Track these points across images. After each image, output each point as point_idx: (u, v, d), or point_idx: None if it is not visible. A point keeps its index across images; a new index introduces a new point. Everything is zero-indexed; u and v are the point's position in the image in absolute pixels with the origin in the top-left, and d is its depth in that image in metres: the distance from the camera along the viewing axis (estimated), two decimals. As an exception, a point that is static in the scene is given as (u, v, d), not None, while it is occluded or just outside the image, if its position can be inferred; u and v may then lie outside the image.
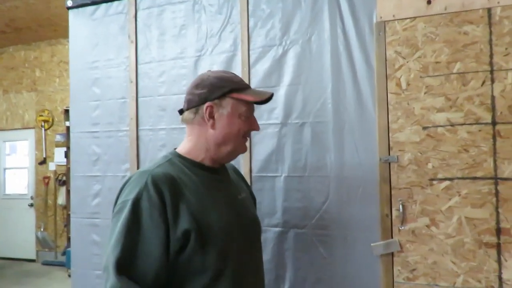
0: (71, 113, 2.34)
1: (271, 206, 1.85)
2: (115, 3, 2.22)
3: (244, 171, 1.88)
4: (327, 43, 1.79)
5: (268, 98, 1.16)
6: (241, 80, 1.14)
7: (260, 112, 1.88)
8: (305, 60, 1.82)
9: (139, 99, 2.14)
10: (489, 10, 1.57)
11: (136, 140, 2.12)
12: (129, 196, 0.98)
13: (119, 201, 1.01)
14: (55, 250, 5.81)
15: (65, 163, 5.27)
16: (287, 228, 1.82)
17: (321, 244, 1.75)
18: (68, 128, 4.70)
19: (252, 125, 1.14)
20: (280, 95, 1.85)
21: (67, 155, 5.08)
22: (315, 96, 1.80)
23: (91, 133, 2.24)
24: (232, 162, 1.92)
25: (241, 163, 1.89)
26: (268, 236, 1.83)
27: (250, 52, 1.92)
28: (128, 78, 2.16)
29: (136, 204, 0.96)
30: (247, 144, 1.17)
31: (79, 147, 2.27)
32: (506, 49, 1.54)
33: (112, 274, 0.91)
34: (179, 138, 1.96)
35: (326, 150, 1.77)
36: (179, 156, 1.12)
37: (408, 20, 1.67)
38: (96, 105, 2.24)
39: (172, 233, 0.97)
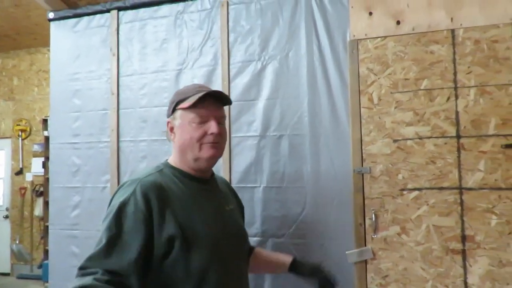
0: (51, 124, 2.34)
1: (250, 216, 1.89)
2: (98, 16, 2.25)
3: (224, 182, 1.93)
4: (303, 59, 1.88)
5: (221, 96, 1.19)
6: (187, 91, 1.17)
7: (240, 125, 1.94)
8: (283, 75, 1.90)
9: (121, 111, 2.16)
10: (452, 31, 1.68)
11: (117, 151, 2.14)
12: (117, 201, 1.04)
13: (109, 207, 1.07)
14: (31, 263, 5.65)
15: (42, 174, 5.16)
16: (265, 238, 1.86)
17: (298, 252, 1.81)
18: (46, 138, 4.63)
19: (207, 129, 1.12)
20: (259, 108, 1.92)
21: (44, 165, 4.98)
22: (292, 110, 1.87)
23: (71, 144, 2.24)
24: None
25: (221, 174, 1.94)
26: (247, 245, 1.87)
27: (230, 67, 1.98)
28: (110, 90, 2.19)
29: (121, 209, 1.01)
30: (212, 150, 1.13)
31: (59, 158, 2.27)
32: (468, 67, 1.65)
33: (78, 271, 0.97)
34: (160, 149, 2.01)
35: (303, 162, 1.84)
36: (170, 166, 1.18)
37: (379, 39, 1.77)
38: (77, 116, 2.25)
39: (157, 238, 1.01)
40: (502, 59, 1.61)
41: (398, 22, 1.76)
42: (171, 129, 1.18)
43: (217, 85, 1.99)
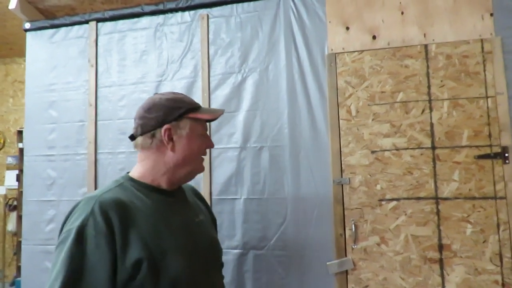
0: (25, 136, 2.27)
1: (231, 228, 1.88)
2: (76, 27, 2.22)
3: (204, 193, 1.91)
4: (283, 72, 1.90)
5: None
6: (193, 100, 1.13)
7: (220, 136, 1.94)
8: (263, 87, 1.92)
9: (98, 122, 2.13)
10: (426, 46, 1.74)
11: (95, 163, 2.09)
12: (74, 224, 0.91)
13: (64, 230, 0.93)
14: (2, 280, 5.41)
15: (16, 187, 4.99)
16: (246, 250, 1.85)
17: (279, 264, 1.80)
18: (21, 150, 4.49)
19: (208, 143, 1.14)
20: (239, 120, 1.92)
21: (19, 178, 4.82)
22: (272, 121, 1.89)
23: (46, 157, 2.18)
24: (193, 185, 1.96)
25: (201, 186, 1.93)
26: (228, 258, 1.85)
27: (211, 79, 1.99)
28: (87, 101, 2.15)
29: (80, 232, 0.89)
30: (202, 165, 1.16)
31: (33, 170, 2.20)
32: (441, 81, 1.71)
33: None
34: (139, 161, 1.98)
35: (283, 173, 1.85)
36: (132, 180, 1.05)
37: (356, 53, 1.82)
38: (52, 128, 2.20)
39: (120, 263, 0.89)
40: (472, 73, 1.68)
41: (374, 37, 1.81)
42: (169, 137, 1.05)
43: (197, 97, 1.99)
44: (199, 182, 1.93)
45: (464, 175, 1.65)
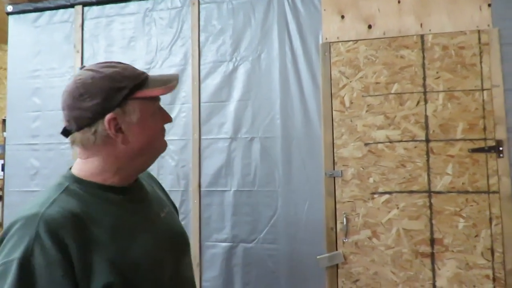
0: (7, 124, 2.18)
1: (220, 221, 1.83)
2: (61, 11, 2.13)
3: (193, 185, 1.86)
4: (276, 61, 1.85)
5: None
6: (134, 69, 0.86)
7: (210, 127, 1.88)
8: (255, 76, 1.86)
9: (84, 111, 2.05)
10: (422, 36, 1.70)
11: (80, 153, 2.02)
12: (12, 254, 0.68)
13: None
14: (-14, 272, 5.31)
15: (1, 177, 4.88)
16: (235, 243, 1.81)
17: (269, 257, 1.77)
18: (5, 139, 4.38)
19: (164, 118, 0.91)
20: (230, 110, 1.87)
21: (3, 168, 4.71)
22: (264, 112, 1.84)
23: (29, 146, 2.11)
24: (181, 176, 1.90)
25: (190, 177, 1.87)
26: (217, 251, 1.81)
27: (201, 67, 1.93)
28: (73, 88, 2.07)
29: (25, 266, 0.67)
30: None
31: (16, 160, 2.12)
32: (437, 72, 1.67)
33: None
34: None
35: (275, 165, 1.80)
36: (79, 181, 0.82)
37: (351, 42, 1.77)
38: (36, 116, 2.12)
39: None
40: (469, 65, 1.64)
41: (369, 26, 1.77)
42: (116, 127, 0.80)
43: (187, 86, 1.92)
44: (188, 173, 1.88)
45: (458, 169, 1.62)
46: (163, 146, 0.91)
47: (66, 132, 0.83)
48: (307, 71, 1.81)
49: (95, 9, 2.09)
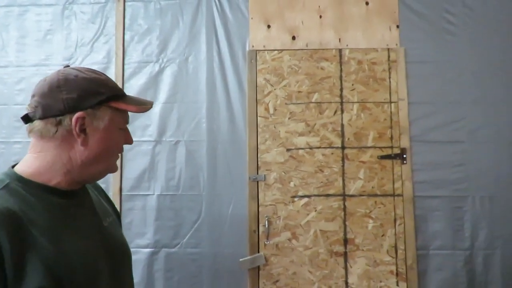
0: None
1: (141, 226, 1.78)
2: (-37, -6, 1.92)
3: (114, 189, 1.79)
4: (203, 65, 1.85)
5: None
6: (117, 85, 0.91)
7: (134, 129, 1.82)
8: (182, 79, 1.85)
9: (-10, 107, 1.86)
10: (340, 50, 1.83)
11: (-16, 153, 1.83)
12: None
13: None
14: None
15: None
16: (158, 248, 1.77)
17: (192, 262, 1.76)
18: None
19: (128, 138, 0.94)
20: (155, 112, 1.83)
21: None
22: (190, 115, 1.83)
23: None
24: (102, 181, 1.81)
25: (110, 181, 1.80)
26: (138, 257, 1.76)
27: (125, 66, 1.86)
28: (-24, 82, 1.87)
29: None
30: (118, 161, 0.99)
31: None
32: (352, 84, 1.81)
33: None
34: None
35: (200, 169, 1.80)
36: (21, 179, 0.80)
37: (276, 51, 1.84)
38: None
39: None
40: (379, 79, 1.80)
41: (293, 38, 1.85)
42: (82, 127, 0.81)
43: (109, 85, 1.84)
44: (109, 177, 1.80)
45: (369, 174, 1.77)
46: (114, 166, 0.94)
47: (26, 119, 0.82)
48: (234, 76, 1.84)
49: (6, -4, 1.92)
